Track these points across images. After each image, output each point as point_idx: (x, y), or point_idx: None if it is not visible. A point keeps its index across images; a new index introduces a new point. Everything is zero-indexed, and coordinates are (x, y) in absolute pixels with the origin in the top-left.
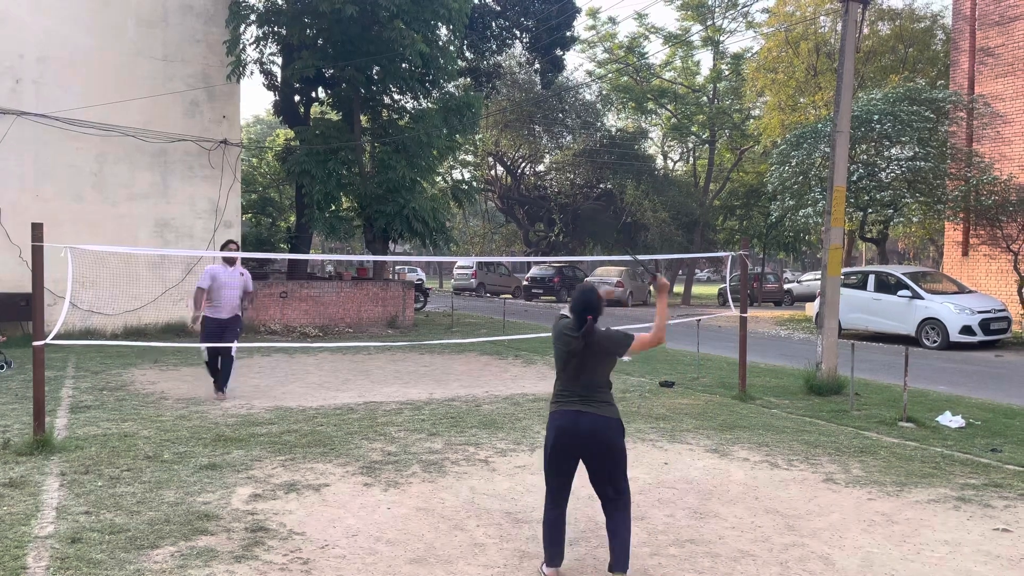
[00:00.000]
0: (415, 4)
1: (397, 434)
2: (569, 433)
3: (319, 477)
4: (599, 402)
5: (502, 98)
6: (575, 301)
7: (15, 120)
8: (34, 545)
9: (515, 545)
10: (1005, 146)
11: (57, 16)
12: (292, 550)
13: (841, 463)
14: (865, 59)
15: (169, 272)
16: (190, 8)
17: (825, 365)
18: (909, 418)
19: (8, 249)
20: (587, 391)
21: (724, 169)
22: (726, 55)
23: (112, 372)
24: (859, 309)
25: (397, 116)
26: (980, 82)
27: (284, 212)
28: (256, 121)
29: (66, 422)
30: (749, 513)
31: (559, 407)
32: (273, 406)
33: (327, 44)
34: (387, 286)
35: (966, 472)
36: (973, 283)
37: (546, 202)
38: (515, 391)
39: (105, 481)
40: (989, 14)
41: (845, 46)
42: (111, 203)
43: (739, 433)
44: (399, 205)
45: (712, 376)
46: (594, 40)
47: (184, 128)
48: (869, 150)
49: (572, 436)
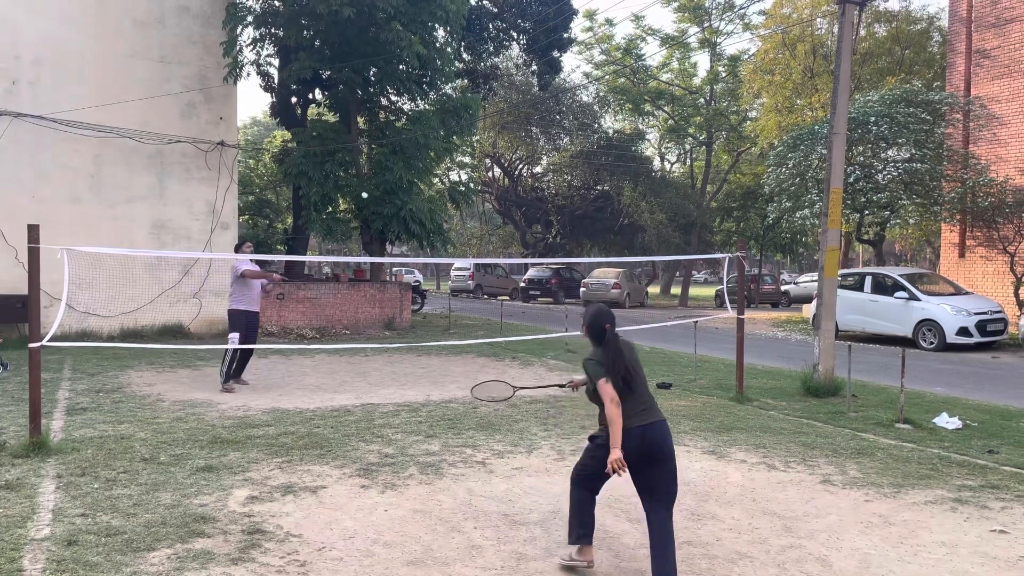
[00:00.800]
0: (412, 6)
1: (394, 436)
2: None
3: (316, 479)
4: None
5: (499, 100)
6: (590, 319)
7: (11, 122)
8: (30, 547)
9: (512, 547)
10: (1001, 148)
11: (53, 17)
12: (289, 552)
13: (838, 465)
14: (862, 61)
15: (166, 274)
16: (187, 9)
17: (822, 367)
18: (906, 419)
19: (4, 251)
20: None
21: (721, 171)
22: (723, 57)
23: (109, 374)
24: (856, 311)
25: (394, 118)
26: (976, 84)
27: (281, 214)
28: (253, 123)
29: (62, 424)
30: (746, 515)
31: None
32: (270, 408)
33: (324, 46)
34: (384, 288)
35: (963, 473)
36: (969, 285)
37: (543, 204)
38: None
39: (101, 483)
40: (985, 16)
41: (842, 48)
42: (108, 205)
43: (736, 435)
44: (396, 207)
45: (709, 378)
46: (591, 42)
47: (181, 130)
48: (866, 152)
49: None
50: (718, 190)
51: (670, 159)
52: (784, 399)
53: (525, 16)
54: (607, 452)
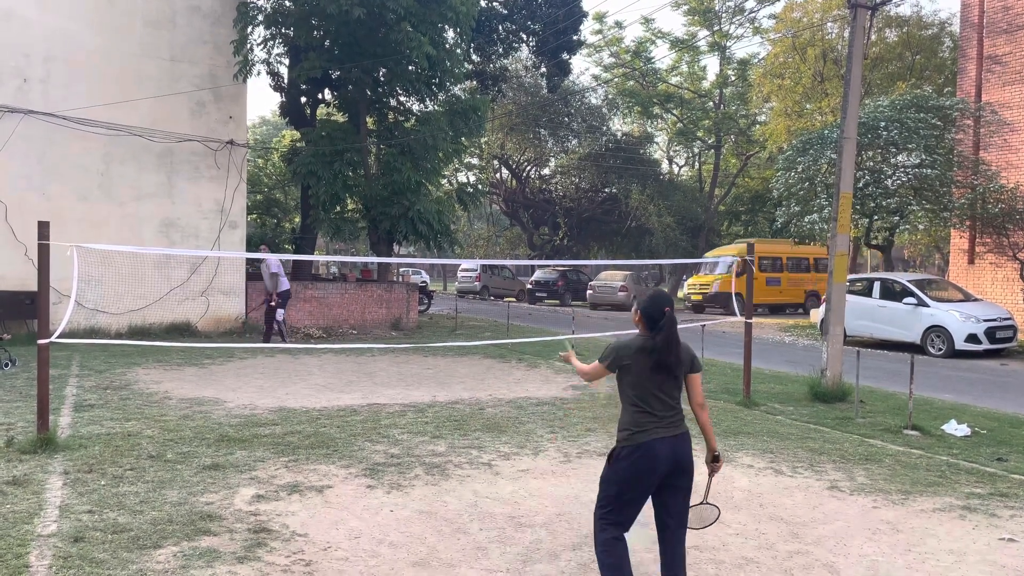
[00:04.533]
0: (422, 6)
1: (400, 436)
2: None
3: (322, 479)
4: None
5: (508, 101)
6: (648, 301)
7: (22, 119)
8: (37, 544)
9: (518, 549)
10: (1012, 154)
11: (64, 15)
12: (295, 551)
13: (846, 471)
14: (872, 66)
15: (174, 272)
16: (197, 9)
17: (830, 372)
18: (914, 426)
19: (14, 247)
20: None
21: (729, 174)
22: (732, 60)
23: (116, 371)
24: (864, 316)
25: (403, 118)
26: (987, 90)
27: (289, 213)
28: (262, 122)
29: (70, 421)
30: (753, 520)
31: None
32: (277, 407)
33: (334, 46)
34: (391, 288)
35: (972, 481)
36: (979, 291)
37: (551, 206)
38: (519, 394)
39: (108, 480)
40: (997, 22)
41: (853, 52)
42: (117, 202)
43: (743, 439)
44: (404, 207)
45: (716, 382)
46: (601, 44)
47: (191, 128)
48: (875, 157)
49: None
50: (726, 194)
51: (678, 162)
52: (791, 404)
53: (535, 18)
54: (613, 469)
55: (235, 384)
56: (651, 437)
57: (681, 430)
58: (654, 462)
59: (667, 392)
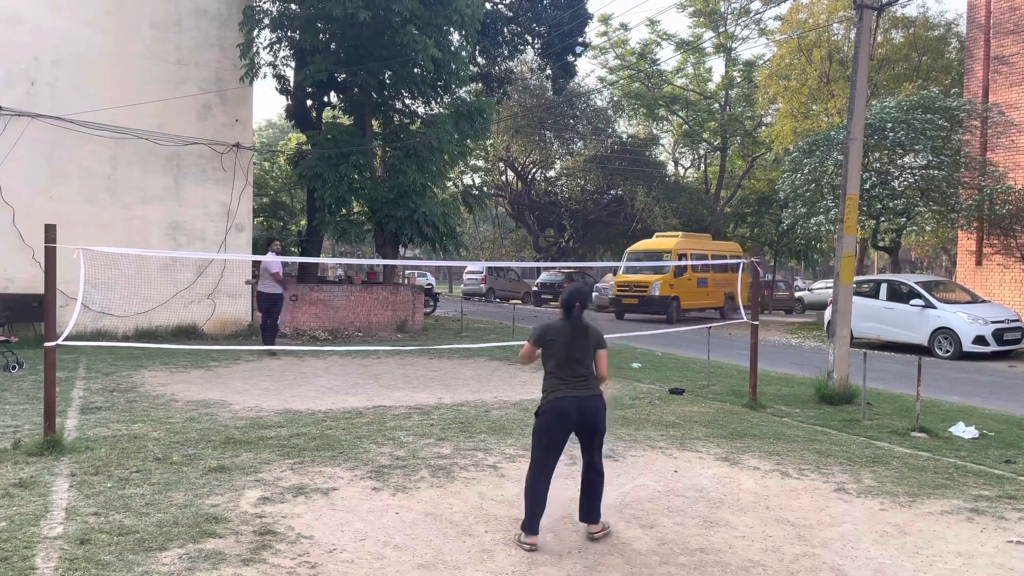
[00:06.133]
0: (428, 9)
1: (406, 439)
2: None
3: (328, 481)
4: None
5: (513, 103)
6: (566, 294)
7: (30, 122)
8: (43, 545)
9: (523, 552)
10: (1019, 155)
11: (72, 19)
12: (300, 554)
13: (853, 473)
14: (879, 67)
15: (181, 274)
16: (204, 12)
17: (837, 374)
18: (922, 428)
19: (21, 250)
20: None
21: (735, 176)
22: (738, 62)
23: (123, 374)
24: (871, 318)
25: (409, 121)
26: (994, 91)
27: (295, 216)
28: (268, 125)
29: (76, 423)
30: (759, 522)
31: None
32: (282, 409)
33: (340, 49)
34: (397, 290)
35: (980, 483)
36: (986, 293)
37: (556, 208)
38: (524, 397)
39: (114, 482)
40: (1004, 22)
41: (859, 53)
42: (124, 205)
43: (750, 441)
44: (410, 210)
45: (722, 384)
46: (606, 46)
47: (197, 131)
48: (882, 158)
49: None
50: (732, 195)
51: (684, 164)
52: (798, 406)
53: (540, 20)
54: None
55: (241, 386)
56: (561, 395)
57: (589, 392)
58: (563, 414)
59: (577, 362)
